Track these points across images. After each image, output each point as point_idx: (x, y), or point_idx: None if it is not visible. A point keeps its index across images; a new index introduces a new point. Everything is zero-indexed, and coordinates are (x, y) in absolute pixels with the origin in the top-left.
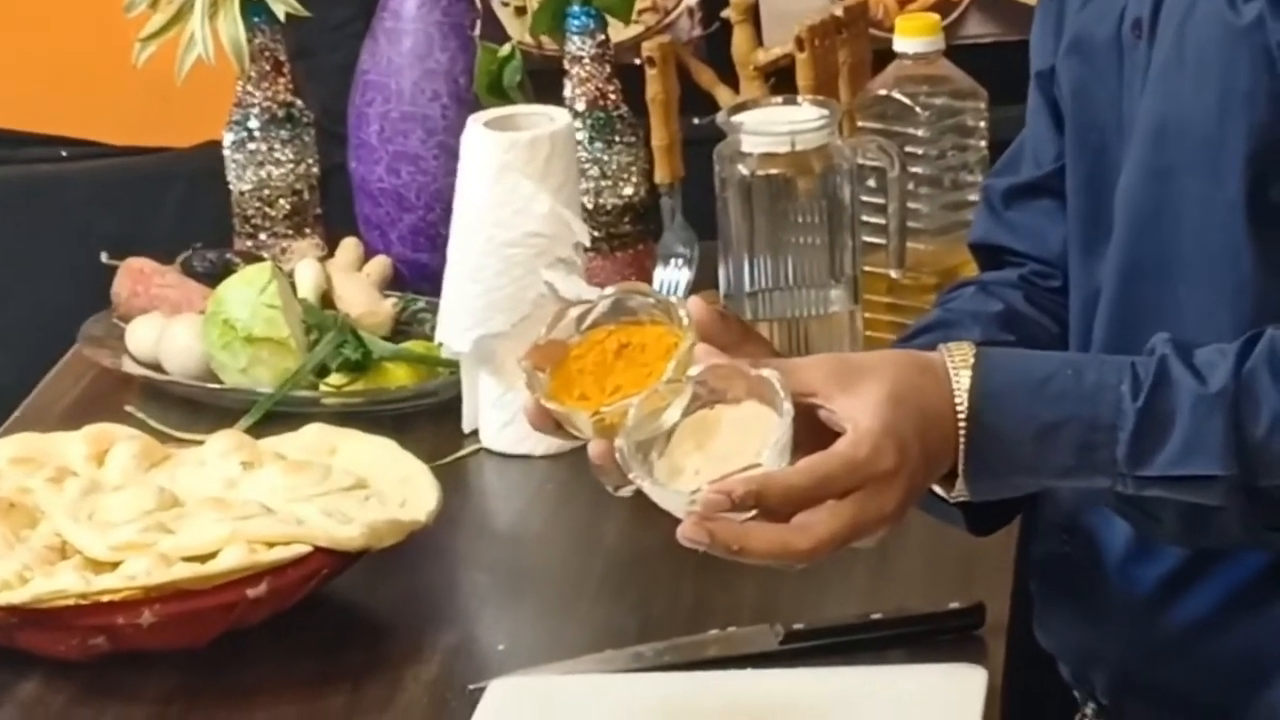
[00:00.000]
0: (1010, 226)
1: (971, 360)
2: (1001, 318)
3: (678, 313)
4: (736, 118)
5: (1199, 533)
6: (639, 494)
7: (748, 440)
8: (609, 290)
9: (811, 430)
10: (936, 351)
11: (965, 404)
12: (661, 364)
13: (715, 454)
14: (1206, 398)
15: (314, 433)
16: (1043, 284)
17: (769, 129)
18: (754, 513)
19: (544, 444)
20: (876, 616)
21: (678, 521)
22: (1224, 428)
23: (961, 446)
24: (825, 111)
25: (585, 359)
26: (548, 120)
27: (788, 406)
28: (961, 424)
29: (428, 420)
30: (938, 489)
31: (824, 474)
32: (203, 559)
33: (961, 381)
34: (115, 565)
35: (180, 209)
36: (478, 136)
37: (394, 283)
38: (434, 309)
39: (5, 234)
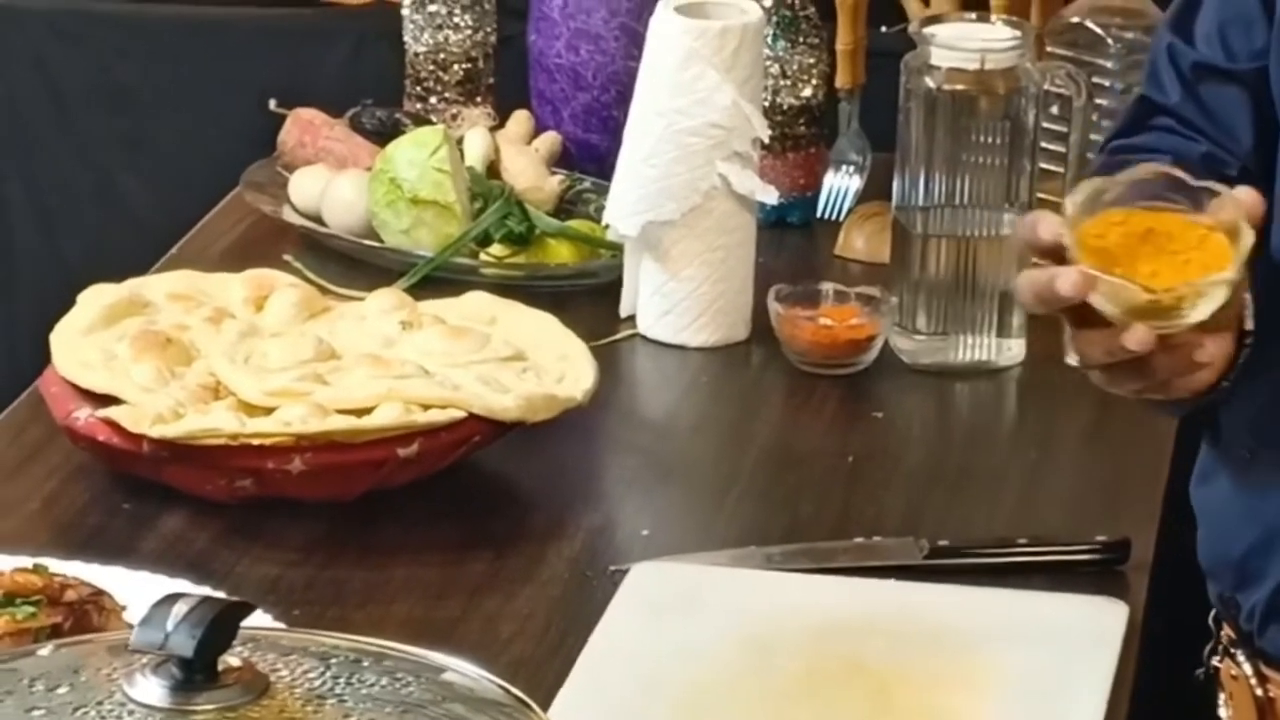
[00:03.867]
0: (1201, 103)
1: None
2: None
3: (1225, 203)
4: (929, 29)
5: None
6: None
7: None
8: (1129, 172)
9: None
10: None
11: None
12: (1198, 255)
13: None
14: None
15: (475, 300)
16: (1220, 169)
17: (960, 44)
18: None
19: (700, 336)
20: (1022, 541)
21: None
22: None
23: None
24: (1018, 33)
25: (1106, 238)
26: (739, 12)
27: None
28: None
29: (585, 301)
30: None
31: None
32: (357, 413)
33: None
34: (268, 411)
35: (344, 66)
36: (668, 21)
37: (561, 160)
38: (600, 190)
39: (165, 71)
